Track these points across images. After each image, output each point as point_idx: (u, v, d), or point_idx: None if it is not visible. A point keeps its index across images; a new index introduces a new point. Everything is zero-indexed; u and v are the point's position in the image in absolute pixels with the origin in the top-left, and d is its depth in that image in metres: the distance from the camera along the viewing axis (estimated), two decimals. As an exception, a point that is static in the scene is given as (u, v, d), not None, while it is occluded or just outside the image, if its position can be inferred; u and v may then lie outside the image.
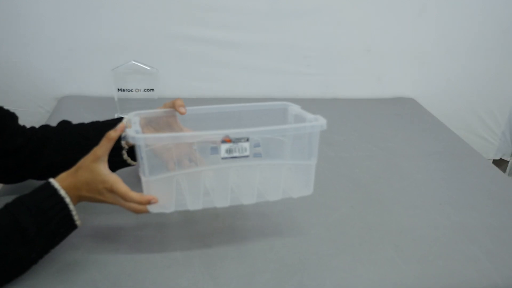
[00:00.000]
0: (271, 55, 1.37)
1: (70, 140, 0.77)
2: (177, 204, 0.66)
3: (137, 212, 0.65)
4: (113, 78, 1.12)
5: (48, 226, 0.61)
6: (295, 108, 0.77)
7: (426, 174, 1.05)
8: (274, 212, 0.85)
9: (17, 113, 0.83)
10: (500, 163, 1.77)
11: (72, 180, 0.63)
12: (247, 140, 0.62)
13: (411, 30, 1.41)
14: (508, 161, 1.77)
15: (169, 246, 0.74)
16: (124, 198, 0.63)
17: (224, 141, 0.61)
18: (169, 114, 0.77)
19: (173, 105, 0.75)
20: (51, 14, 1.19)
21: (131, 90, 1.14)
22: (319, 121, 0.67)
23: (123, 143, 0.75)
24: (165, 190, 0.64)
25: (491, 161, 1.72)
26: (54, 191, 0.62)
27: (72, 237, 0.74)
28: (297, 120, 0.75)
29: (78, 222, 0.64)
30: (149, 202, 0.64)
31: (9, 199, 0.63)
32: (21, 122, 0.80)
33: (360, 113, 1.37)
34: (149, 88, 1.16)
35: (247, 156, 0.62)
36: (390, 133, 1.25)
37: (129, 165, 0.79)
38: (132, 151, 0.76)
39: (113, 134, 0.63)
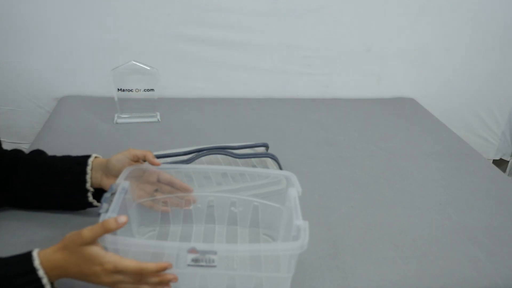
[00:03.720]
0: (271, 55, 1.37)
1: (38, 175, 0.74)
2: None
3: (156, 287, 0.58)
4: (113, 78, 1.12)
5: None
6: (293, 193, 0.70)
7: (426, 174, 1.05)
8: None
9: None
10: (500, 163, 1.77)
11: (60, 259, 0.56)
12: (215, 253, 0.57)
13: (411, 30, 1.41)
14: (508, 161, 1.77)
15: (169, 246, 0.74)
16: (141, 272, 0.56)
17: (190, 252, 0.57)
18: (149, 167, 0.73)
19: (144, 158, 0.72)
20: (51, 14, 1.19)
21: (131, 90, 1.14)
22: (298, 243, 0.59)
23: (87, 185, 0.73)
24: None
25: (491, 161, 1.72)
26: (32, 269, 0.55)
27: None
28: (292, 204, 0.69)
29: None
30: (165, 268, 0.57)
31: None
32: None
33: (360, 113, 1.37)
34: (149, 88, 1.16)
35: (214, 266, 0.58)
36: (390, 133, 1.25)
37: (95, 206, 0.76)
38: (97, 193, 0.76)
39: (112, 225, 0.56)
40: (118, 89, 1.13)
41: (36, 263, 0.55)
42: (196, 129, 1.17)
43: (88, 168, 0.73)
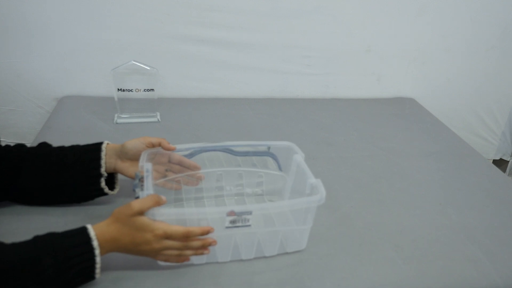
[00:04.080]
0: (271, 55, 1.37)
1: (48, 165, 0.75)
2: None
3: (197, 251, 0.66)
4: (113, 78, 1.12)
5: (68, 273, 0.58)
6: (298, 158, 0.81)
7: (426, 174, 1.05)
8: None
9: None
10: (500, 163, 1.77)
11: (113, 231, 0.61)
12: (250, 213, 0.66)
13: (411, 30, 1.41)
14: (508, 161, 1.77)
15: (169, 246, 0.74)
16: (188, 234, 0.63)
17: (229, 214, 0.65)
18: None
19: (159, 145, 0.78)
20: (51, 14, 1.19)
21: (131, 90, 1.14)
22: (317, 196, 0.69)
23: (102, 169, 0.75)
24: None
25: (491, 161, 1.72)
26: (88, 239, 0.59)
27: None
28: (299, 169, 0.80)
29: (97, 276, 0.62)
30: (208, 231, 0.65)
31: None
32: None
33: (360, 113, 1.37)
34: (149, 88, 1.16)
35: (249, 226, 0.67)
36: (390, 133, 1.25)
37: (105, 194, 0.78)
38: (109, 180, 0.79)
39: (162, 200, 0.63)
40: (118, 89, 1.13)
41: (92, 233, 0.60)
42: (196, 129, 1.17)
43: (103, 154, 0.76)
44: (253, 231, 0.69)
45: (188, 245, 0.65)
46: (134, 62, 1.12)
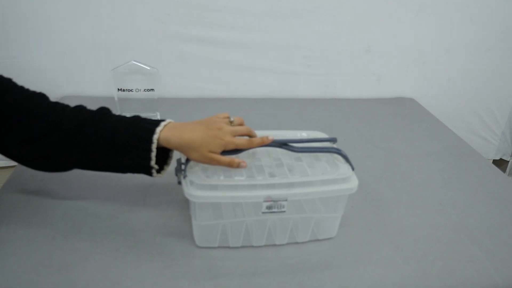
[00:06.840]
0: (271, 55, 1.37)
1: (99, 145, 0.70)
2: (220, 241, 0.74)
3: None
4: (113, 78, 1.12)
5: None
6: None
7: (426, 174, 1.05)
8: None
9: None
10: (500, 163, 1.77)
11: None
12: (286, 200, 0.69)
13: (411, 30, 1.41)
14: (508, 161, 1.77)
15: (169, 247, 0.74)
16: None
17: (265, 200, 0.68)
18: None
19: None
20: (51, 13, 1.19)
21: (131, 90, 1.14)
22: (350, 184, 0.72)
23: (152, 163, 0.70)
24: (212, 230, 0.72)
25: (491, 161, 1.73)
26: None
27: (72, 237, 0.74)
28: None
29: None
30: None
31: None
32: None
33: (360, 113, 1.37)
34: (149, 88, 1.16)
35: (284, 211, 0.70)
36: (390, 133, 1.25)
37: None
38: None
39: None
40: (118, 89, 1.13)
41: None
42: (196, 129, 1.17)
43: (153, 146, 0.69)
44: (287, 216, 0.72)
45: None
46: (134, 62, 1.12)
